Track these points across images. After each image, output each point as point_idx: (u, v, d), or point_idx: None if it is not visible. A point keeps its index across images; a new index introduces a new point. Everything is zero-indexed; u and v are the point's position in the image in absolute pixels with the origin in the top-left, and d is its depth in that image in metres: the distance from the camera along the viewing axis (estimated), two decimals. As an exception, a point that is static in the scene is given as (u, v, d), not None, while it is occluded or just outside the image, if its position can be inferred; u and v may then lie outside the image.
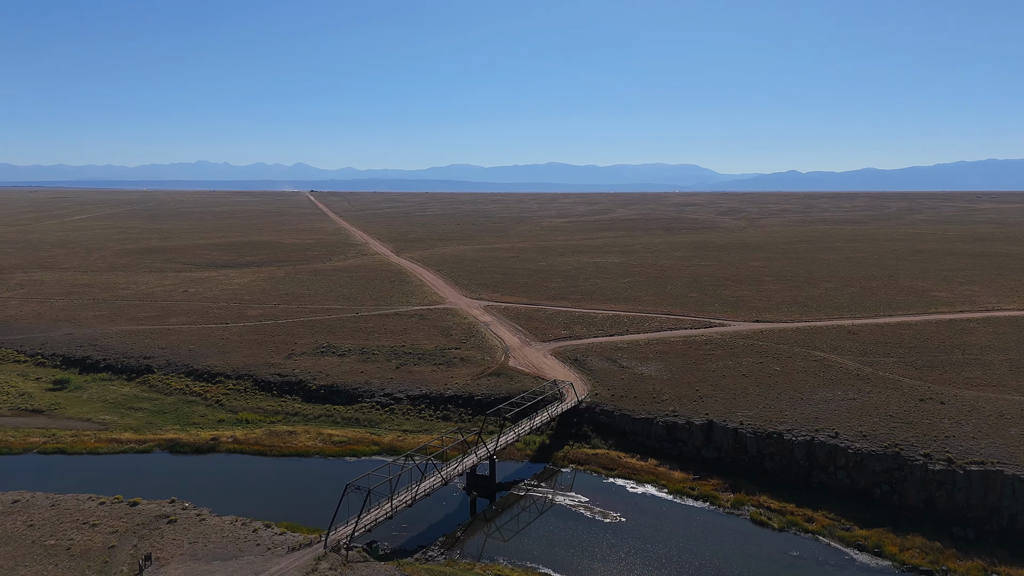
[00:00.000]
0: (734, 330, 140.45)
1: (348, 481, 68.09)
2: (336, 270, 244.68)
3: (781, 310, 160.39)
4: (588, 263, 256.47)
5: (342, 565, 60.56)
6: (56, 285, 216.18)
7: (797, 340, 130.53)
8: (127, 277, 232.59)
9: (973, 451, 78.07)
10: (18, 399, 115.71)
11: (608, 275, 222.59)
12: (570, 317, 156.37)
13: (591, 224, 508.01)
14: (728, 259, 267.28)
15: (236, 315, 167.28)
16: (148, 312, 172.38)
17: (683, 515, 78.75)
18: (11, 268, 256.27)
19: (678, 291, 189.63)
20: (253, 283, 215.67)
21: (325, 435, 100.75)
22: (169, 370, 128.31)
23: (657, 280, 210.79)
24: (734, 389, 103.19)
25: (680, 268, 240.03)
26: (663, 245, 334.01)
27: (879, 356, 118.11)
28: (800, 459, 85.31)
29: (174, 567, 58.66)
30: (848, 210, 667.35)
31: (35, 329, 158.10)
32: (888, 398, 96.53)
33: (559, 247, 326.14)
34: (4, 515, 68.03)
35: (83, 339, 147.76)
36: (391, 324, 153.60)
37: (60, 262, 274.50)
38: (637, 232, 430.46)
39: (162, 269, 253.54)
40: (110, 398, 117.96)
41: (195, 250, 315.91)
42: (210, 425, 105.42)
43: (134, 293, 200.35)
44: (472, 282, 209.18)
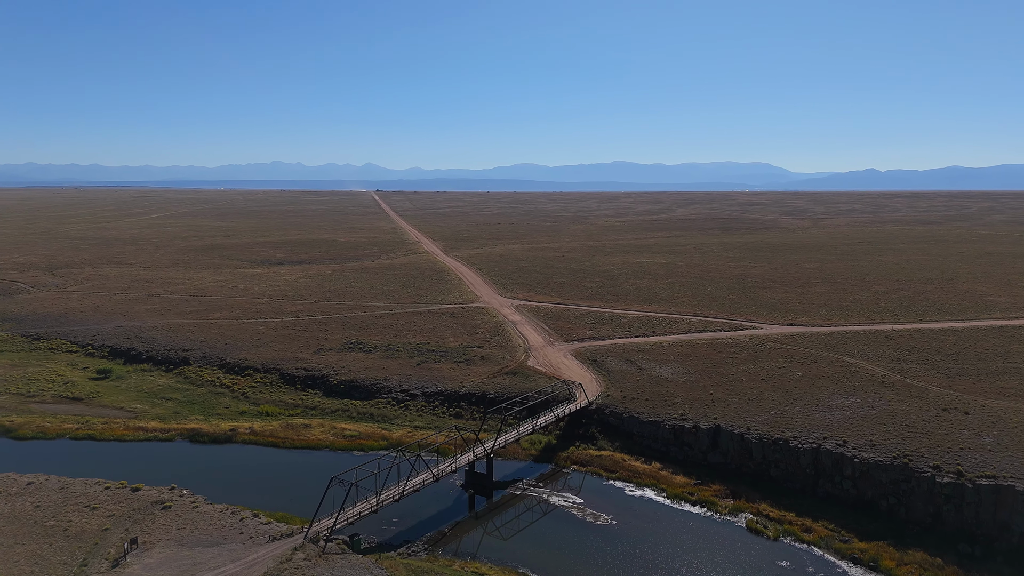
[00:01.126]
0: (764, 333, 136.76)
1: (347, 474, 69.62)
2: (382, 268, 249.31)
3: (820, 313, 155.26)
4: (633, 263, 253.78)
5: (317, 556, 62.04)
6: (119, 280, 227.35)
7: (828, 345, 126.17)
8: (184, 273, 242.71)
9: (986, 464, 74.07)
10: (62, 387, 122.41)
11: (650, 276, 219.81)
12: (599, 317, 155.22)
13: (647, 224, 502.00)
14: (779, 260, 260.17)
15: (276, 311, 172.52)
16: (195, 307, 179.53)
17: (677, 520, 77.36)
18: (82, 263, 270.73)
19: (718, 293, 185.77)
20: (300, 280, 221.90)
21: (338, 429, 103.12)
22: (204, 362, 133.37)
23: (699, 281, 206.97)
24: (749, 394, 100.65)
25: (726, 269, 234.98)
26: (716, 245, 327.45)
27: (911, 363, 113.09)
28: (806, 467, 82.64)
29: (157, 552, 61.29)
30: (923, 210, 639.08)
31: (90, 321, 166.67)
32: (909, 407, 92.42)
33: (608, 247, 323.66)
34: (16, 496, 72.41)
35: (131, 331, 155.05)
36: (421, 322, 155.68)
37: (127, 258, 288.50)
38: (693, 232, 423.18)
39: (218, 266, 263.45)
40: (146, 388, 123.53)
41: (253, 247, 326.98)
42: (232, 416, 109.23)
43: (187, 288, 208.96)
44: (510, 281, 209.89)
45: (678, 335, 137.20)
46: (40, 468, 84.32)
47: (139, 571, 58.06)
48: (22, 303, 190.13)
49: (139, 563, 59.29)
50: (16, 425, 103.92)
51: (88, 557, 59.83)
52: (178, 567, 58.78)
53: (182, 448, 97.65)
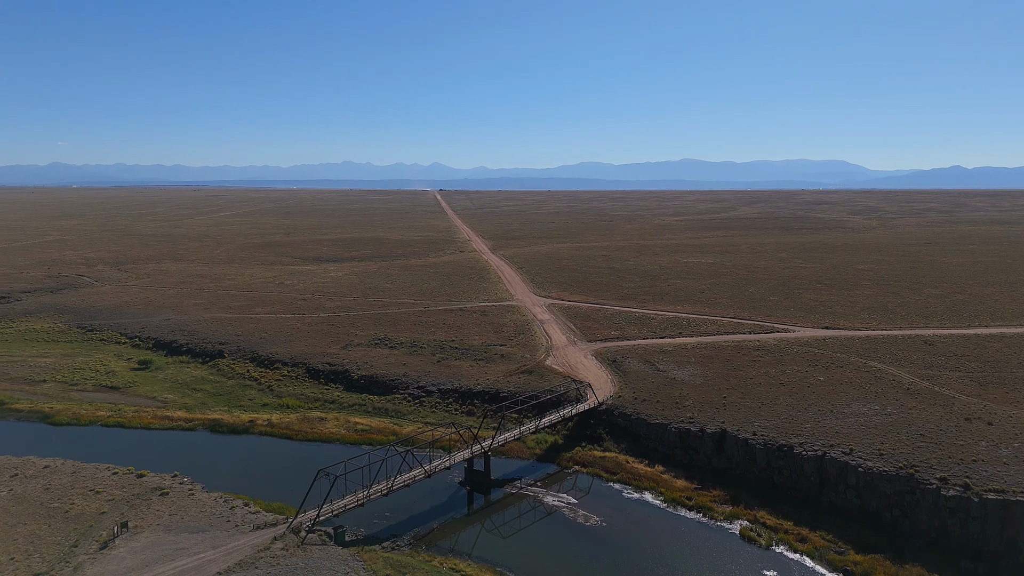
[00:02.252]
0: (795, 336, 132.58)
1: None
2: (426, 266, 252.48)
3: (861, 317, 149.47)
4: (678, 263, 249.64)
5: (296, 547, 63.62)
6: (176, 275, 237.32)
7: (860, 349, 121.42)
8: (238, 269, 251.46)
9: (998, 478, 70.09)
10: (104, 376, 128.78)
11: (692, 276, 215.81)
12: (629, 318, 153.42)
13: (706, 223, 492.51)
14: (833, 261, 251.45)
15: (315, 306, 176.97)
16: (240, 301, 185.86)
17: (670, 525, 76.00)
18: (146, 259, 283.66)
19: (759, 294, 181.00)
20: (345, 277, 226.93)
21: (351, 423, 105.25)
22: (237, 355, 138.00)
23: (742, 282, 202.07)
24: (763, 398, 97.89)
25: (774, 270, 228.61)
26: (771, 245, 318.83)
27: (945, 370, 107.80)
28: (810, 475, 79.89)
29: (145, 536, 64.03)
30: (1005, 210, 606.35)
31: (141, 314, 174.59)
32: (929, 415, 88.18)
33: (657, 246, 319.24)
34: (31, 478, 76.76)
35: (176, 325, 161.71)
36: (451, 319, 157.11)
37: (189, 254, 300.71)
38: (751, 232, 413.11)
39: (272, 262, 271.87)
40: (180, 379, 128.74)
41: (308, 245, 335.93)
42: (254, 408, 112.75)
43: (237, 284, 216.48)
44: (548, 280, 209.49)
45: (705, 337, 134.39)
46: (63, 452, 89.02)
47: (124, 554, 60.79)
48: (83, 296, 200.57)
49: (126, 546, 62.08)
50: (54, 411, 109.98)
51: (80, 539, 63.03)
52: (160, 551, 61.28)
53: (201, 437, 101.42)
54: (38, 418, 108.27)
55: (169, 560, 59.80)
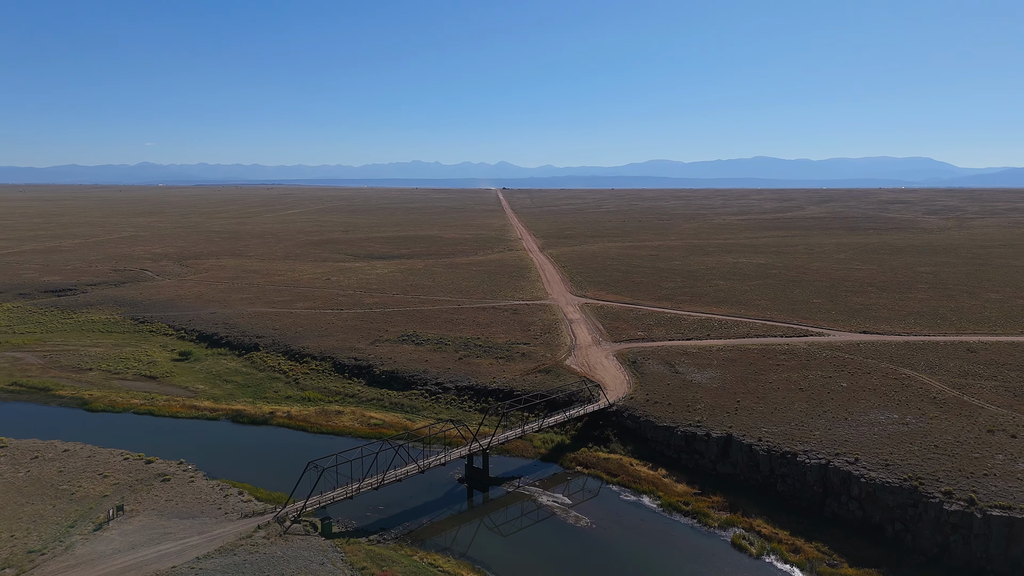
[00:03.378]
0: (828, 340, 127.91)
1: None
2: (471, 264, 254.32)
3: (906, 321, 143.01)
4: (727, 263, 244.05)
5: (278, 536, 65.36)
6: (232, 271, 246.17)
7: (894, 355, 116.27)
8: (290, 265, 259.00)
9: (1006, 494, 66.11)
10: (144, 366, 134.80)
11: (737, 277, 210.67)
12: (660, 318, 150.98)
13: (768, 222, 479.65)
14: (893, 263, 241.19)
15: (354, 302, 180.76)
16: (285, 297, 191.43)
17: (661, 530, 74.64)
18: (207, 255, 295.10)
19: (802, 296, 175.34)
20: (390, 274, 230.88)
21: (366, 417, 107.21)
22: (272, 349, 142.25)
23: (789, 284, 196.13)
24: (778, 403, 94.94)
25: (827, 271, 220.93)
26: (831, 246, 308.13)
27: (980, 378, 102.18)
28: (813, 484, 77.08)
29: (138, 519, 66.95)
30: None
31: (190, 307, 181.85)
32: (949, 426, 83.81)
33: (711, 246, 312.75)
34: (48, 461, 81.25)
35: (220, 318, 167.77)
36: (482, 317, 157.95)
37: (248, 251, 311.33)
38: (814, 232, 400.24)
39: (324, 259, 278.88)
40: (215, 370, 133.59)
41: (363, 242, 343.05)
42: (277, 400, 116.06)
43: (286, 279, 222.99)
44: (587, 279, 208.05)
45: (733, 339, 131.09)
46: (87, 437, 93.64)
47: (115, 535, 63.75)
48: (142, 290, 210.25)
49: (118, 528, 65.06)
50: (93, 398, 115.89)
51: (79, 520, 66.42)
52: (149, 535, 63.98)
53: (222, 427, 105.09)
54: (77, 404, 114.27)
55: (155, 544, 62.38)
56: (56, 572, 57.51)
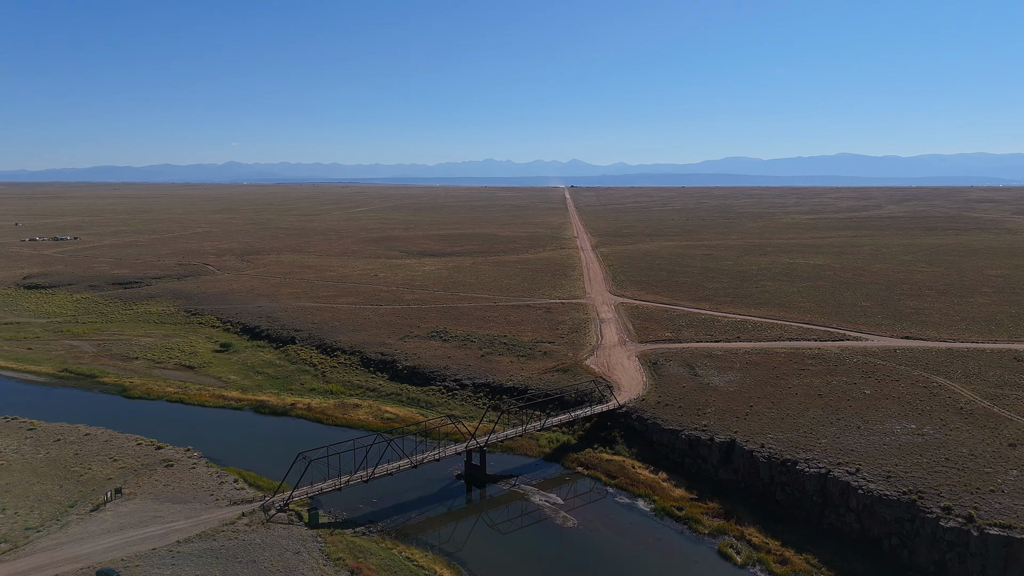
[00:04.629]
0: (864, 345, 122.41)
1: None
2: (518, 262, 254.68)
3: (957, 327, 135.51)
4: (781, 264, 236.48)
5: (260, 524, 67.35)
6: (287, 266, 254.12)
7: (931, 362, 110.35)
8: (344, 261, 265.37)
9: (1010, 511, 61.97)
10: (185, 356, 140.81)
11: (787, 278, 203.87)
12: (693, 319, 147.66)
13: (839, 221, 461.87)
14: (963, 265, 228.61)
15: (394, 298, 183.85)
16: (329, 292, 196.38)
17: (647, 535, 73.22)
18: (269, 251, 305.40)
19: (851, 299, 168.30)
20: (435, 271, 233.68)
21: (381, 411, 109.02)
22: (307, 342, 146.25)
23: (841, 285, 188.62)
24: (792, 409, 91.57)
25: (886, 273, 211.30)
26: (899, 247, 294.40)
27: (1018, 389, 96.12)
28: (812, 494, 74.06)
29: (134, 503, 70.18)
30: None
31: (240, 301, 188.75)
32: (968, 438, 79.03)
33: (770, 246, 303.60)
34: (68, 444, 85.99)
35: (266, 311, 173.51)
36: (514, 315, 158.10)
37: (307, 247, 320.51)
38: (886, 231, 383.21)
39: (377, 255, 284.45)
40: (250, 362, 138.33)
41: (419, 240, 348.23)
42: (301, 392, 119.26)
43: (336, 275, 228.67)
44: (630, 279, 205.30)
45: (763, 342, 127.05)
46: (115, 423, 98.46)
47: (109, 517, 67.04)
48: (200, 283, 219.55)
49: (114, 510, 68.38)
50: (132, 386, 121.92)
51: (79, 501, 70.14)
52: (140, 517, 67.00)
53: (243, 416, 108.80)
54: (117, 391, 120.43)
55: (143, 526, 65.29)
56: (46, 549, 60.97)
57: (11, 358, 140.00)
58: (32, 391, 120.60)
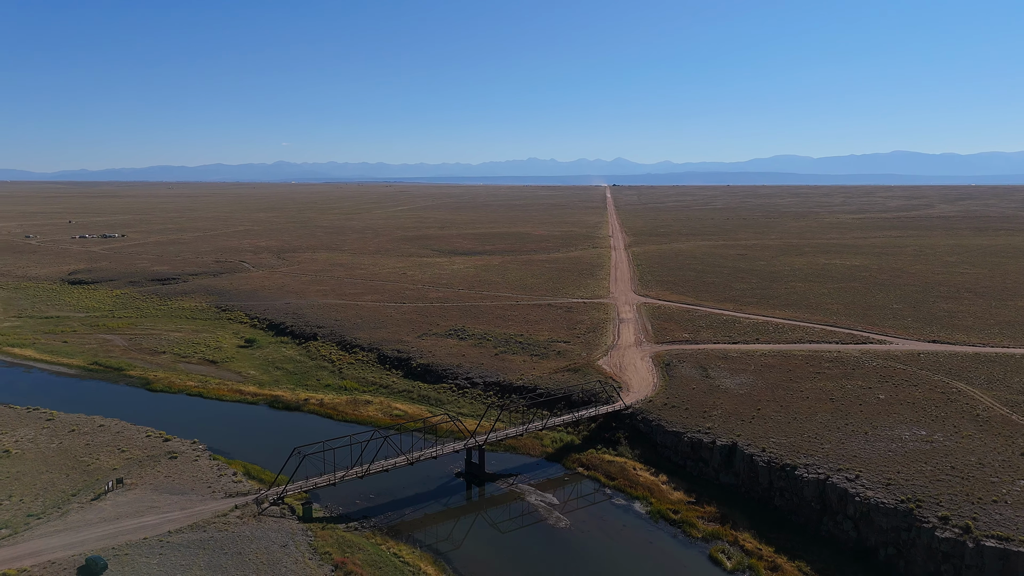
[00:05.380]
0: (887, 349, 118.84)
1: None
2: (547, 261, 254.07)
3: (990, 331, 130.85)
4: (817, 265, 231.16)
5: (252, 516, 68.58)
6: (320, 264, 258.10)
7: (953, 367, 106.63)
8: (375, 259, 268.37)
9: (1009, 523, 59.52)
10: (210, 351, 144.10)
11: (820, 279, 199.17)
12: (714, 320, 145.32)
13: (885, 221, 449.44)
14: (1009, 267, 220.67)
15: (418, 296, 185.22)
16: (358, 289, 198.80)
17: (639, 537, 72.35)
18: (305, 248, 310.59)
19: (882, 301, 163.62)
20: (463, 269, 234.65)
21: (391, 408, 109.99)
22: (328, 339, 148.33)
23: (874, 287, 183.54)
24: (800, 413, 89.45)
25: (925, 275, 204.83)
26: (944, 248, 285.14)
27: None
28: (811, 500, 72.25)
29: (134, 493, 72.14)
30: None
31: (270, 297, 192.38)
32: (979, 446, 76.12)
33: (809, 246, 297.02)
34: (81, 434, 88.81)
35: (292, 308, 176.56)
36: (533, 314, 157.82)
37: (343, 245, 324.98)
38: (933, 232, 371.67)
39: (410, 254, 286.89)
40: (271, 358, 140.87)
41: (453, 238, 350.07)
42: (316, 388, 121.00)
43: (366, 273, 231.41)
44: (657, 279, 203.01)
45: (782, 344, 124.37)
46: (131, 415, 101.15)
47: (108, 506, 69.07)
48: (234, 280, 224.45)
49: (114, 500, 70.42)
50: (155, 379, 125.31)
51: (82, 490, 72.41)
52: (137, 507, 68.87)
53: (257, 411, 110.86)
54: (140, 384, 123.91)
55: (139, 516, 67.11)
56: (43, 535, 63.13)
57: (47, 351, 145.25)
58: (61, 383, 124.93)
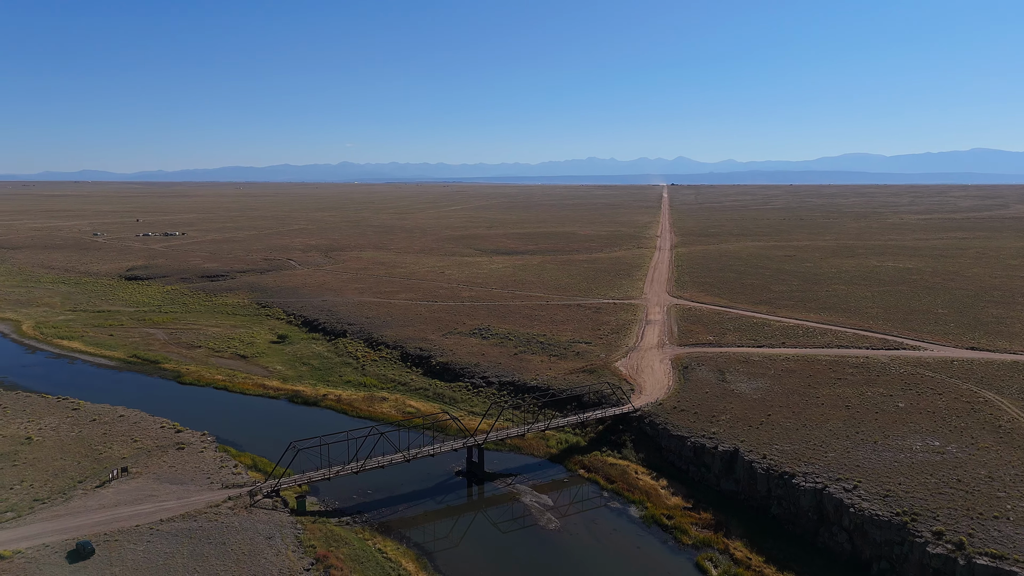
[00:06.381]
0: (919, 355, 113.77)
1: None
2: (587, 261, 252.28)
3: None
4: (865, 267, 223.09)
5: (244, 508, 70.25)
6: (363, 262, 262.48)
7: (986, 375, 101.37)
8: (416, 258, 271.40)
9: (1008, 541, 56.33)
10: (243, 346, 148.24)
11: (865, 282, 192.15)
12: (744, 323, 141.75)
13: (951, 222, 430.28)
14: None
15: (451, 295, 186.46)
16: (393, 288, 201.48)
17: (628, 542, 71.21)
18: (352, 247, 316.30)
19: (927, 305, 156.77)
20: (501, 269, 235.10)
21: (404, 405, 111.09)
22: (356, 336, 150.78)
23: (922, 290, 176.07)
24: (810, 420, 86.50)
25: (981, 278, 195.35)
26: (1011, 251, 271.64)
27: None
28: (807, 510, 69.77)
29: (137, 481, 74.79)
30: None
31: (308, 295, 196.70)
32: (994, 459, 72.15)
33: (864, 247, 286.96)
34: (101, 424, 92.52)
35: (328, 306, 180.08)
36: (560, 314, 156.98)
37: (389, 244, 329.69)
38: (1003, 233, 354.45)
39: (452, 253, 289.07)
40: (300, 353, 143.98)
41: (498, 238, 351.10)
42: (337, 384, 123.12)
43: (405, 272, 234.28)
44: (694, 280, 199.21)
45: (809, 348, 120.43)
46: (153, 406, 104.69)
47: (110, 493, 71.83)
48: (278, 277, 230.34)
49: (116, 487, 73.19)
50: (186, 372, 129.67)
51: (88, 477, 75.47)
52: (137, 495, 71.41)
53: (277, 405, 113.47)
54: (172, 376, 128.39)
55: (136, 504, 69.57)
56: (44, 519, 66.10)
57: (92, 343, 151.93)
58: (99, 374, 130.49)
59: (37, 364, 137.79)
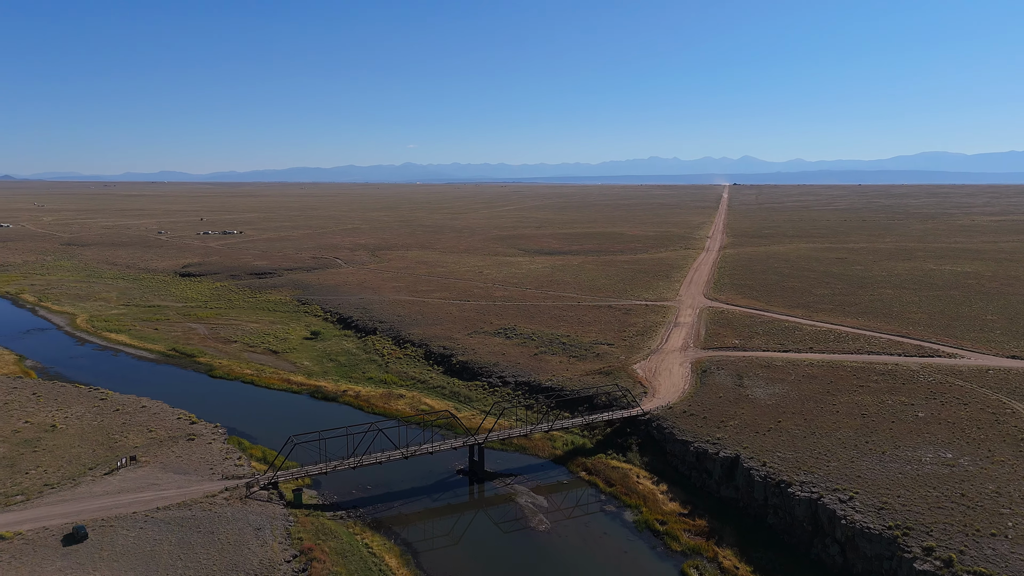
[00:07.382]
0: (953, 364, 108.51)
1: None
2: (629, 262, 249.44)
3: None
4: (920, 270, 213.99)
5: (239, 499, 72.15)
6: (407, 261, 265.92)
7: (1019, 386, 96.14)
8: (459, 258, 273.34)
9: (1000, 560, 53.27)
10: (276, 342, 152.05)
11: (915, 286, 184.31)
12: (774, 327, 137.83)
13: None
14: None
15: (484, 295, 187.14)
16: (430, 287, 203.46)
17: (614, 546, 70.20)
18: (399, 247, 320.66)
19: (976, 312, 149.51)
20: (539, 269, 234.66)
21: (419, 403, 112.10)
22: (385, 334, 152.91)
23: (975, 296, 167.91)
24: (821, 428, 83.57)
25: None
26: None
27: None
28: (802, 520, 67.46)
29: (143, 470, 77.63)
30: None
31: (347, 293, 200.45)
32: (1006, 473, 68.32)
33: (925, 250, 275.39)
34: (123, 413, 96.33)
35: (364, 303, 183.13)
36: (589, 315, 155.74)
37: (436, 243, 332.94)
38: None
39: (495, 253, 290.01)
40: (329, 350, 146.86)
41: (543, 238, 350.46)
42: (358, 381, 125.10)
43: (445, 271, 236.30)
44: (733, 282, 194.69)
45: (837, 354, 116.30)
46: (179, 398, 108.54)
47: (116, 480, 74.81)
48: (322, 275, 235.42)
49: (123, 475, 76.16)
50: (218, 366, 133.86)
51: (99, 464, 78.73)
52: (141, 483, 74.16)
53: (297, 399, 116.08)
54: (204, 370, 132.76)
55: (138, 491, 72.27)
56: (50, 503, 69.33)
57: (137, 337, 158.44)
58: (137, 366, 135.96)
59: (83, 356, 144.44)
